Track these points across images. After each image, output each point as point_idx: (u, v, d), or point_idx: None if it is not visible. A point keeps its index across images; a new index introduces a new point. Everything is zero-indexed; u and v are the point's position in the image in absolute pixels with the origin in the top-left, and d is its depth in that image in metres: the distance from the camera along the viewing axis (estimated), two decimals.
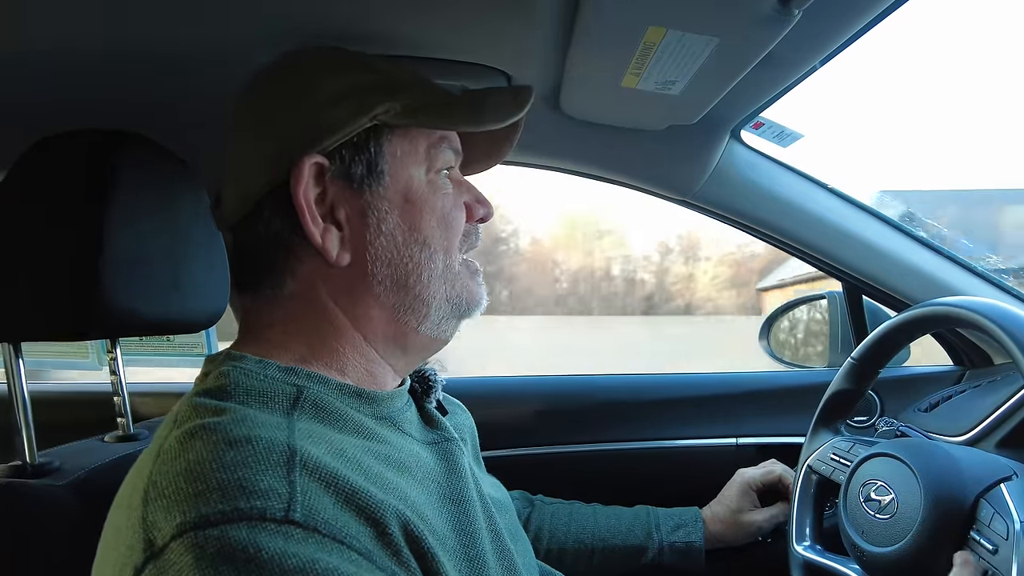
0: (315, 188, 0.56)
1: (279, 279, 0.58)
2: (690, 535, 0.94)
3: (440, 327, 0.62)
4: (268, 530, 0.40)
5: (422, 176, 0.60)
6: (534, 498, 1.01)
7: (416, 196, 0.59)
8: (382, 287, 0.58)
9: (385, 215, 0.57)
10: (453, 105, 0.60)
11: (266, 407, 0.50)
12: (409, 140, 0.59)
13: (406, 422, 0.61)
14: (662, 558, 0.93)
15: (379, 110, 0.56)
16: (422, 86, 0.61)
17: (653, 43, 0.67)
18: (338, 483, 0.45)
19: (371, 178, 0.57)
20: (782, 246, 1.16)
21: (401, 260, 0.58)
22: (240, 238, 0.60)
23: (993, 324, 0.66)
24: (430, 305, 0.60)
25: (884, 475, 0.74)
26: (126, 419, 0.85)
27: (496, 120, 0.60)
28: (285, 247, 0.57)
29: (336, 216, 0.57)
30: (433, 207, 0.60)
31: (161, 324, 0.71)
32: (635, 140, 0.99)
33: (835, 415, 0.92)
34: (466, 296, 0.63)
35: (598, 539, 0.94)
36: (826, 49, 0.74)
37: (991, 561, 0.61)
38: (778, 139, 1.01)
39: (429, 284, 0.59)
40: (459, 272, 0.62)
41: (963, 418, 0.98)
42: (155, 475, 0.44)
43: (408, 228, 0.58)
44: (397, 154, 0.58)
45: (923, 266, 1.11)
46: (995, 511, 0.63)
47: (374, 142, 0.57)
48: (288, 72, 0.59)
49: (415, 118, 0.58)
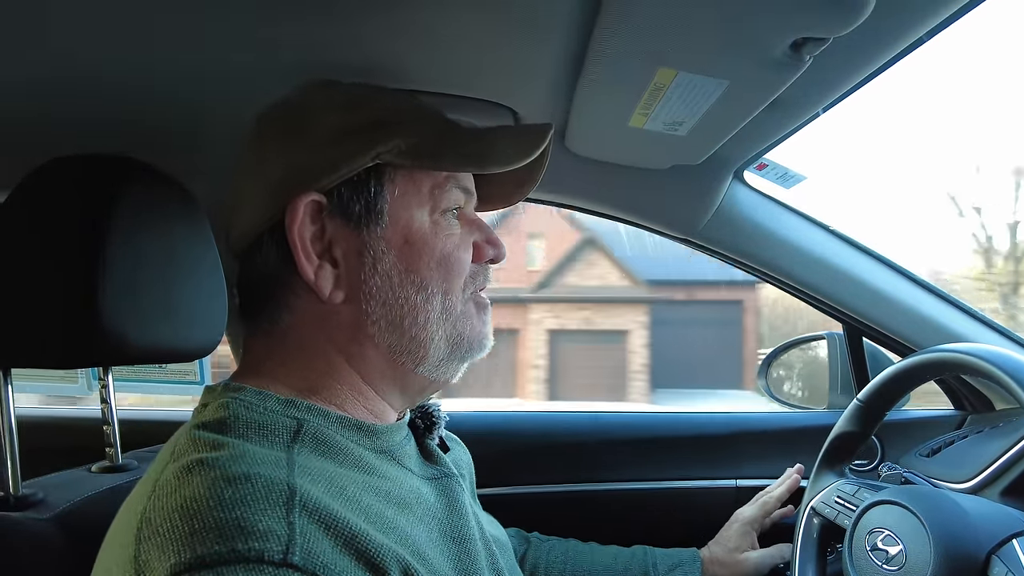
0: (312, 225, 0.55)
1: (276, 313, 0.58)
2: (687, 575, 0.92)
3: (439, 369, 0.61)
4: (265, 573, 0.39)
5: (424, 217, 0.59)
6: (529, 536, 0.99)
7: (416, 237, 0.58)
8: (376, 327, 0.57)
9: (382, 255, 0.57)
10: (459, 146, 0.60)
11: (266, 440, 0.49)
12: (412, 180, 0.58)
13: (405, 456, 0.60)
14: None
15: (381, 149, 0.56)
16: (429, 124, 0.60)
17: (663, 85, 0.67)
18: (338, 525, 0.43)
19: (369, 217, 0.56)
20: (784, 287, 1.16)
21: (396, 301, 0.57)
22: (244, 269, 0.60)
23: (1003, 373, 0.65)
24: (427, 347, 0.59)
25: (891, 524, 0.72)
26: (115, 449, 0.83)
27: (504, 163, 0.59)
28: (282, 282, 0.57)
29: (333, 253, 0.56)
30: (433, 249, 0.58)
31: (155, 352, 0.70)
32: (639, 178, 1.00)
33: (839, 457, 0.92)
34: (468, 336, 0.61)
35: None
36: (834, 94, 0.75)
37: None
38: (781, 181, 1.01)
39: (426, 326, 0.58)
40: (461, 313, 0.61)
41: (966, 465, 0.97)
42: (150, 511, 0.43)
43: (405, 269, 0.57)
44: (397, 194, 0.58)
45: (924, 310, 1.11)
46: (1008, 569, 0.62)
47: (375, 181, 0.57)
48: (290, 109, 0.59)
49: (418, 159, 0.57)
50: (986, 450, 0.96)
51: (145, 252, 0.67)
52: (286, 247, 0.55)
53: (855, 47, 0.63)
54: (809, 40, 0.58)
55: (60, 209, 0.64)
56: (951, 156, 19.27)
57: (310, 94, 0.60)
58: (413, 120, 0.60)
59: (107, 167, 0.66)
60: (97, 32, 0.61)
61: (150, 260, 0.68)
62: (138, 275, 0.66)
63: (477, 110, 0.79)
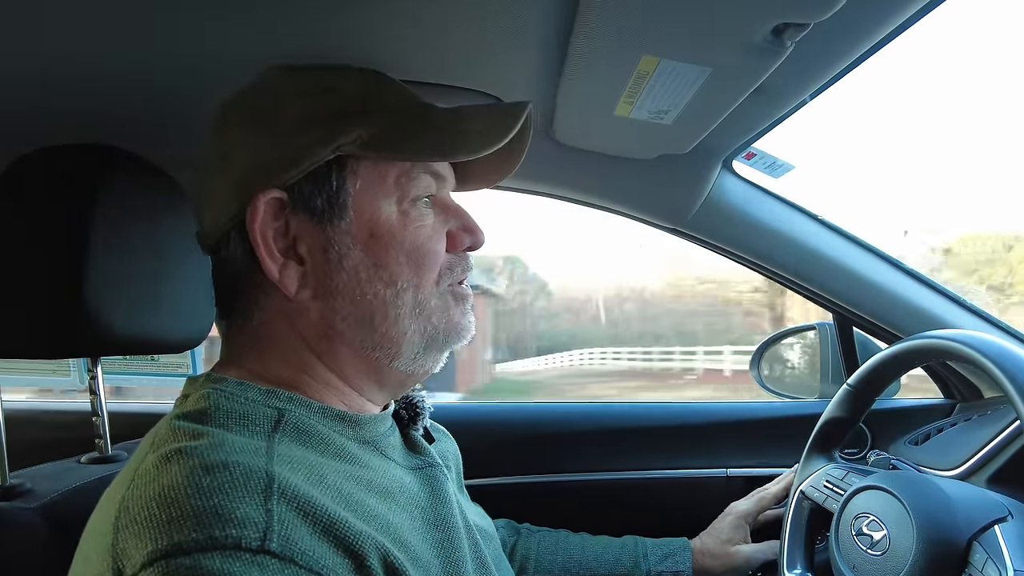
0: (274, 222, 0.54)
1: (247, 310, 0.57)
2: (678, 565, 0.92)
3: (415, 363, 0.59)
4: (243, 560, 0.39)
5: (391, 208, 0.57)
6: (520, 527, 0.99)
7: (382, 230, 0.56)
8: (346, 324, 0.56)
9: (347, 250, 0.55)
10: (425, 134, 0.57)
11: (246, 430, 0.49)
12: (377, 170, 0.56)
13: (389, 447, 0.60)
14: None
15: (341, 141, 0.54)
16: (393, 110, 0.58)
17: (647, 72, 0.67)
18: (316, 512, 0.43)
19: (332, 212, 0.55)
20: (773, 276, 1.16)
21: (365, 298, 0.56)
22: (215, 264, 0.59)
23: (986, 359, 0.66)
24: (400, 343, 0.57)
25: (877, 509, 0.73)
26: (104, 440, 0.83)
27: (475, 148, 0.57)
28: (250, 280, 0.56)
29: (298, 250, 0.55)
30: (401, 241, 0.56)
31: (142, 343, 0.70)
32: (627, 168, 1.00)
33: (829, 442, 0.92)
34: (444, 328, 0.60)
35: (585, 568, 0.92)
36: (818, 81, 0.74)
37: None
38: (770, 170, 1.01)
39: (397, 322, 0.57)
40: (436, 306, 0.59)
41: (954, 452, 0.97)
42: (128, 500, 0.43)
43: (372, 264, 0.55)
44: (360, 186, 0.56)
45: (913, 299, 1.11)
46: (988, 556, 0.62)
47: (336, 174, 0.55)
48: (249, 98, 0.58)
49: (380, 150, 0.55)
50: (973, 438, 0.97)
51: (132, 242, 0.67)
52: (250, 245, 0.54)
53: (837, 34, 0.63)
54: (790, 26, 0.57)
55: (45, 198, 0.64)
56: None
57: (271, 82, 0.58)
58: (377, 108, 0.57)
59: (92, 157, 0.66)
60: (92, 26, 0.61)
61: (137, 250, 0.68)
62: (125, 265, 0.66)
63: (461, 99, 0.79)
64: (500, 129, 0.57)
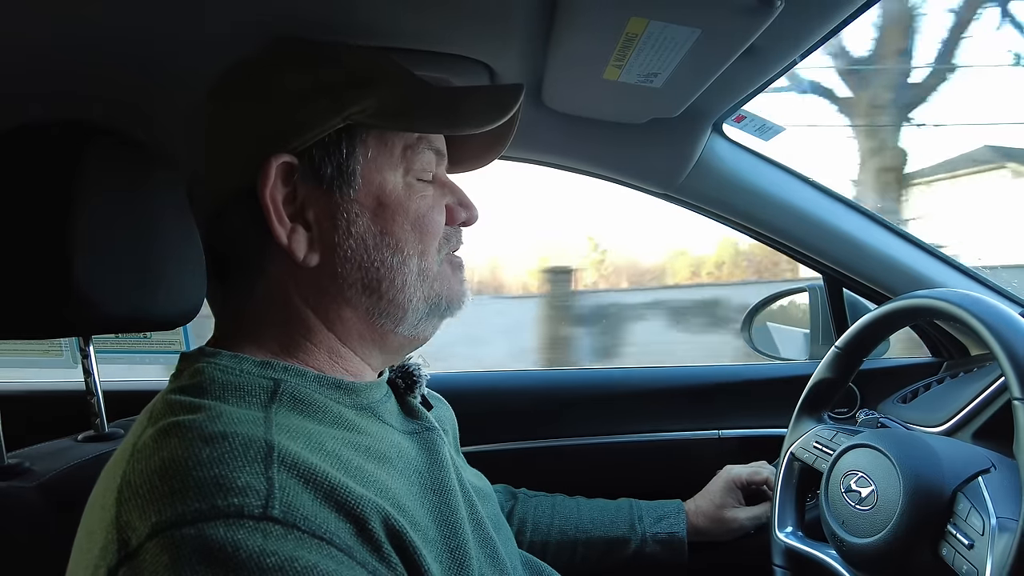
0: (283, 188, 0.55)
1: (250, 278, 0.57)
2: (672, 526, 0.94)
3: (419, 327, 0.61)
4: (246, 527, 0.39)
5: (397, 179, 0.58)
6: (517, 491, 1.01)
7: (390, 199, 0.57)
8: (353, 290, 0.57)
9: (355, 218, 0.56)
10: (431, 106, 0.59)
11: (243, 402, 0.49)
12: (384, 142, 0.58)
13: (386, 412, 0.61)
14: (645, 549, 0.94)
15: (352, 109, 0.55)
16: (400, 84, 0.59)
17: (635, 34, 0.66)
18: (317, 478, 0.44)
19: (341, 180, 0.56)
20: (764, 239, 1.16)
21: (372, 264, 0.57)
22: (213, 235, 0.59)
23: (971, 316, 0.66)
24: (406, 309, 0.59)
25: (865, 466, 0.74)
26: (100, 418, 0.83)
27: (477, 124, 0.58)
28: (255, 246, 0.56)
29: (306, 216, 0.56)
30: (407, 211, 0.58)
31: (133, 320, 0.70)
32: (617, 133, 0.99)
33: (818, 404, 0.93)
34: (446, 295, 0.62)
35: (581, 531, 0.94)
36: (808, 42, 0.74)
37: (967, 556, 0.62)
38: (760, 132, 1.01)
39: (403, 288, 0.58)
40: (438, 273, 0.61)
41: (941, 409, 0.99)
42: (129, 474, 0.43)
43: (380, 232, 0.57)
44: (369, 156, 0.57)
45: (903, 259, 1.12)
46: (972, 505, 0.64)
47: (346, 143, 0.56)
48: (256, 69, 0.58)
49: (390, 120, 0.57)
50: (960, 395, 0.98)
51: (119, 219, 0.66)
52: (257, 211, 0.54)
53: None
54: None
55: (33, 176, 0.63)
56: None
57: (276, 53, 0.59)
58: (384, 80, 0.58)
59: (79, 134, 0.64)
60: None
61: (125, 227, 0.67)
62: (114, 242, 0.65)
63: (450, 66, 0.78)
64: (499, 107, 0.59)
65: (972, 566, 0.61)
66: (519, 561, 0.70)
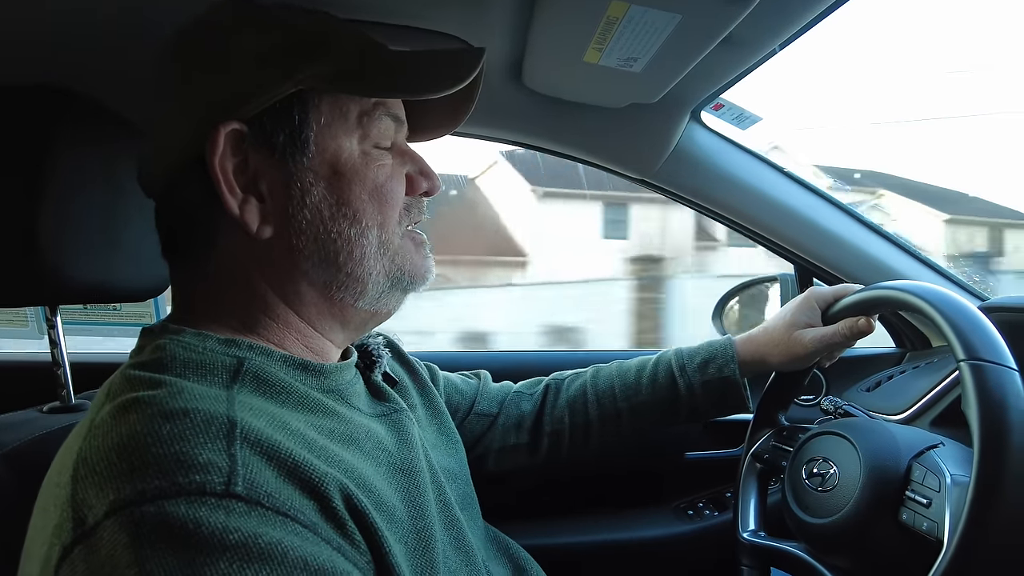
0: (234, 157, 0.52)
1: (203, 251, 0.55)
2: (722, 370, 0.84)
3: (380, 302, 0.59)
4: (208, 504, 0.39)
5: (354, 146, 0.56)
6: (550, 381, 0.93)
7: (345, 168, 0.55)
8: (309, 263, 0.55)
9: (310, 187, 0.54)
10: (387, 70, 0.56)
11: (204, 380, 0.48)
12: (339, 107, 0.55)
13: (354, 395, 0.60)
14: (696, 403, 0.85)
15: (303, 74, 0.52)
16: (354, 46, 0.56)
17: (616, 18, 0.66)
18: (280, 455, 0.44)
19: (294, 147, 0.53)
20: (738, 228, 1.17)
21: (329, 236, 0.55)
22: (163, 207, 0.57)
23: (931, 307, 0.68)
24: (366, 282, 0.57)
25: (827, 451, 0.76)
26: (67, 390, 0.82)
27: (435, 89, 0.56)
28: (206, 218, 0.54)
29: (258, 187, 0.53)
30: (364, 179, 0.56)
31: (100, 291, 0.69)
32: (596, 117, 0.99)
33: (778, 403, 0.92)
34: (408, 270, 0.60)
35: (623, 400, 0.87)
36: (787, 32, 0.74)
37: (926, 514, 0.64)
38: (737, 121, 1.02)
39: (363, 261, 0.56)
40: (399, 246, 0.59)
41: (901, 397, 1.02)
42: (85, 451, 0.42)
43: (336, 202, 0.55)
44: (323, 122, 0.54)
45: (871, 251, 1.14)
46: (927, 470, 0.67)
47: (298, 109, 0.53)
48: (206, 31, 0.55)
49: (343, 85, 0.54)
50: (919, 384, 1.01)
51: (89, 187, 0.65)
52: (208, 181, 0.52)
53: None
54: None
55: None
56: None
57: (225, 15, 0.55)
58: (337, 43, 0.55)
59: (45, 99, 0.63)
60: None
61: (94, 195, 0.65)
62: (82, 210, 0.64)
63: (429, 43, 0.77)
64: (460, 71, 0.56)
65: (932, 521, 0.63)
66: (484, 538, 0.71)
